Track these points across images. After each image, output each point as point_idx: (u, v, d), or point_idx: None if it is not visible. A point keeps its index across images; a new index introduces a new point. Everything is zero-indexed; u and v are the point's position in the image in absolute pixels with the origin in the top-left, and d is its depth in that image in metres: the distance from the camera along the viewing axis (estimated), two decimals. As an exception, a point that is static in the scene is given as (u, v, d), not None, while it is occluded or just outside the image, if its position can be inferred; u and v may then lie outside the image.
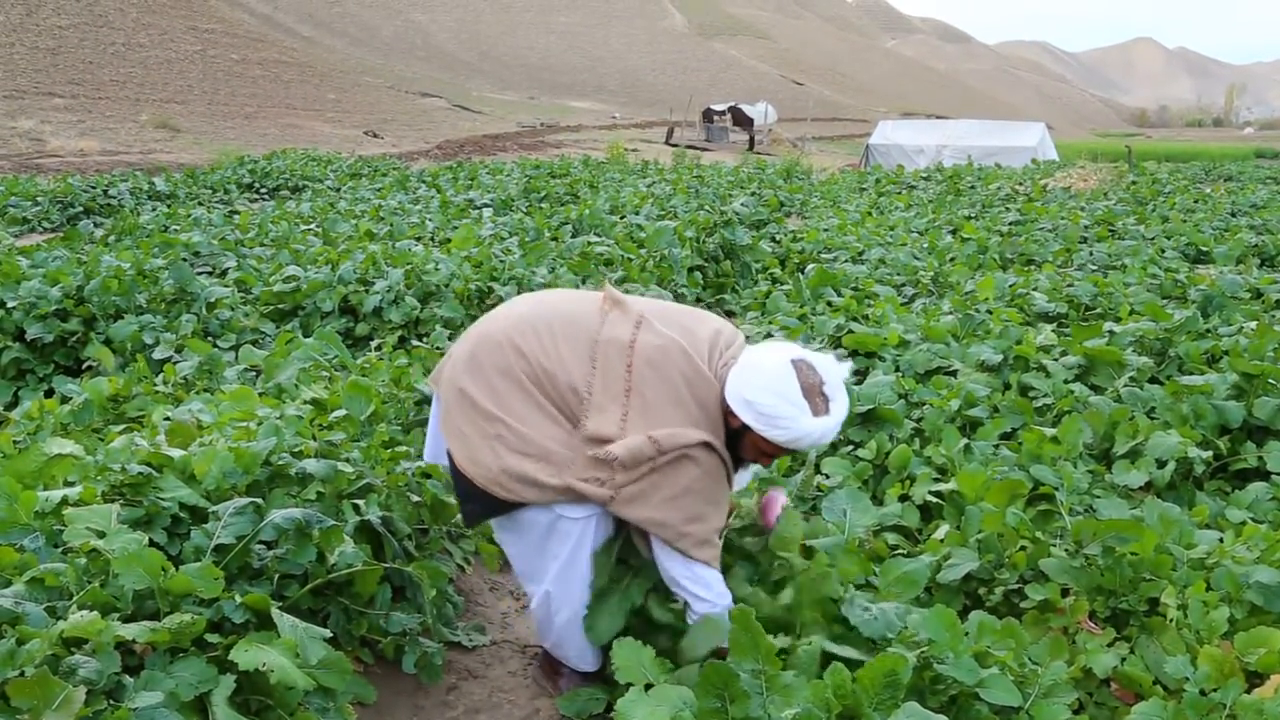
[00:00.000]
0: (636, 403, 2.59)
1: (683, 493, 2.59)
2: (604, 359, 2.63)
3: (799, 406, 2.51)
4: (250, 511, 2.71)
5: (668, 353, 2.64)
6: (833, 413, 2.55)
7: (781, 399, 2.51)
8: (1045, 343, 5.11)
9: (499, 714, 2.94)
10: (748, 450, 2.69)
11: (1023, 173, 20.57)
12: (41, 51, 37.21)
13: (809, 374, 2.55)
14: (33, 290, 6.00)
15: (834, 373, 2.59)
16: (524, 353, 2.64)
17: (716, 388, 2.64)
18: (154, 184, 15.22)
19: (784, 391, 2.52)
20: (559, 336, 2.67)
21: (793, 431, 2.52)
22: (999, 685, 2.41)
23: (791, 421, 2.51)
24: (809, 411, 2.52)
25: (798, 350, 2.61)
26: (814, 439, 2.56)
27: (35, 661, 1.97)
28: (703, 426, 2.61)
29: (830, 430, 2.56)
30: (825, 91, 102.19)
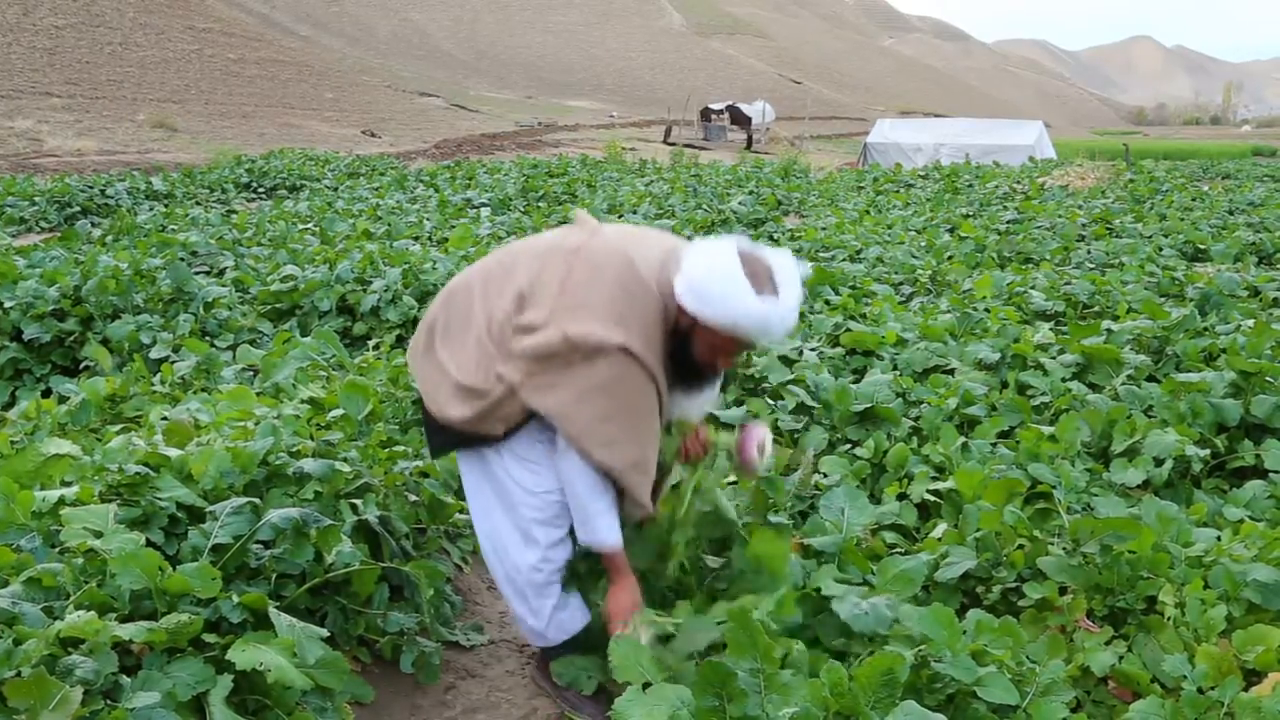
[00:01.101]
0: (566, 301, 2.55)
1: (594, 390, 2.53)
2: (550, 261, 2.63)
3: (741, 286, 2.41)
4: (247, 511, 2.71)
5: (610, 257, 2.60)
6: (782, 297, 2.45)
7: (723, 278, 2.43)
8: (1043, 341, 5.11)
9: (497, 713, 2.94)
10: (700, 349, 2.59)
11: (1020, 171, 20.57)
12: (38, 51, 37.17)
13: (756, 262, 2.47)
14: (30, 290, 6.00)
15: (786, 265, 2.50)
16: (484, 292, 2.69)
17: (657, 297, 2.57)
18: (151, 184, 15.22)
19: (727, 272, 2.43)
20: (519, 255, 2.73)
21: (735, 311, 2.42)
22: (997, 684, 2.41)
23: (734, 300, 2.41)
24: (753, 291, 2.41)
25: (749, 243, 2.54)
26: (759, 322, 2.45)
27: (32, 661, 1.97)
28: (631, 332, 2.52)
29: (779, 316, 2.45)
30: (823, 90, 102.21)
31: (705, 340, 2.56)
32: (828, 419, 4.36)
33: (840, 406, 4.33)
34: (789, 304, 2.46)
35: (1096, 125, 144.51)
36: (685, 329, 2.57)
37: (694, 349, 2.60)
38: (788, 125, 50.95)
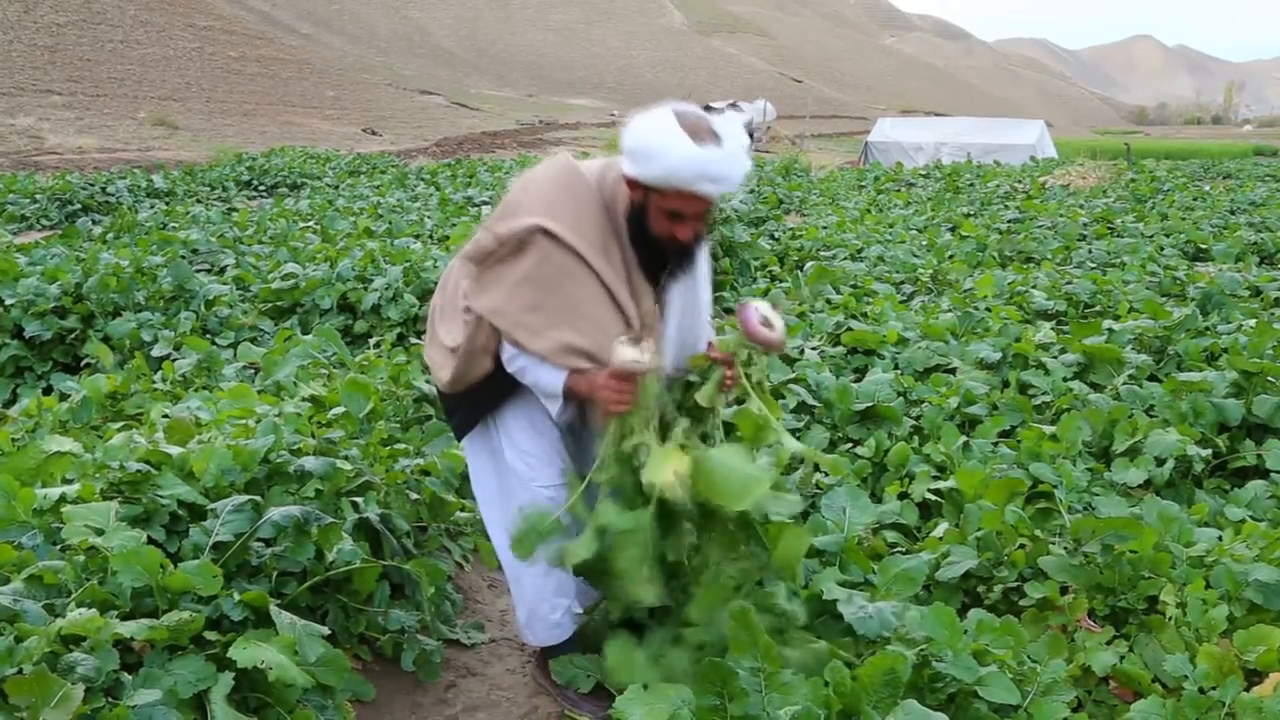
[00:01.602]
0: (501, 209, 2.61)
1: (522, 279, 2.53)
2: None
3: (675, 135, 2.36)
4: (249, 509, 2.71)
5: (548, 165, 2.64)
6: (724, 145, 2.41)
7: (657, 131, 2.39)
8: (1044, 340, 5.11)
9: (497, 712, 2.94)
10: (655, 220, 2.52)
11: (1021, 170, 20.57)
12: (39, 49, 37.16)
13: (696, 118, 2.44)
14: (31, 288, 6.00)
15: (730, 121, 2.49)
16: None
17: (594, 188, 2.59)
18: (152, 181, 15.22)
19: (660, 126, 2.39)
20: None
21: (671, 160, 2.36)
22: (998, 683, 2.41)
23: (669, 149, 2.36)
24: (689, 139, 2.36)
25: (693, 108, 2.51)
26: (698, 167, 2.38)
27: (34, 659, 1.97)
28: (557, 217, 2.52)
29: (718, 160, 2.39)
30: (824, 89, 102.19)
31: (656, 207, 2.50)
32: (829, 418, 4.36)
33: (841, 405, 4.32)
34: (730, 150, 2.42)
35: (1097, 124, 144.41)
36: (639, 205, 2.54)
37: (651, 224, 2.54)
38: (789, 124, 50.93)
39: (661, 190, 2.45)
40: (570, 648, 2.93)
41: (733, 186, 2.47)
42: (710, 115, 2.47)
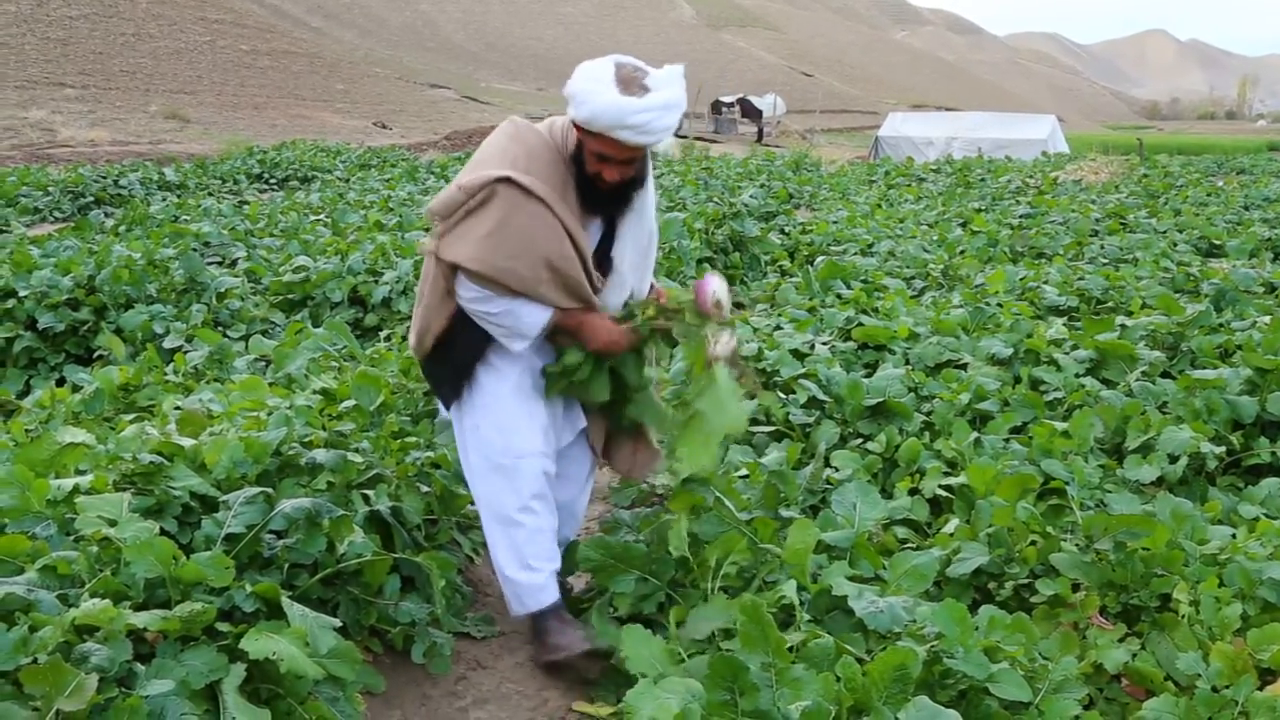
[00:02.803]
0: (465, 168, 2.84)
1: (496, 228, 2.70)
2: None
3: (604, 83, 2.60)
4: (260, 501, 2.72)
5: (503, 125, 2.90)
6: (648, 97, 2.59)
7: (589, 78, 2.63)
8: (1056, 336, 5.09)
9: (507, 704, 2.94)
10: (588, 160, 2.75)
11: (1033, 165, 20.51)
12: (52, 42, 37.23)
13: (634, 70, 2.66)
14: (44, 279, 6.03)
15: (668, 75, 2.67)
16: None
17: (548, 140, 2.82)
18: (164, 174, 15.27)
19: (594, 73, 2.64)
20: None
21: (595, 105, 2.59)
22: (1009, 680, 2.40)
23: (595, 95, 2.59)
24: (615, 88, 2.59)
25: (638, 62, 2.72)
26: (616, 114, 2.58)
27: (48, 649, 1.98)
28: (517, 166, 2.72)
29: (635, 110, 2.57)
30: (834, 83, 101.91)
31: (588, 149, 2.73)
32: (839, 413, 4.35)
33: (852, 401, 4.31)
34: (651, 102, 2.60)
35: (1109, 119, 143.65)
36: (578, 146, 2.78)
37: (585, 164, 2.76)
38: (799, 118, 50.82)
39: (590, 132, 2.68)
40: (559, 609, 3.02)
41: (654, 138, 2.67)
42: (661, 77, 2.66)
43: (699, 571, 3.02)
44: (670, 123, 2.66)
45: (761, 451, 4.11)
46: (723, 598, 2.88)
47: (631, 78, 2.62)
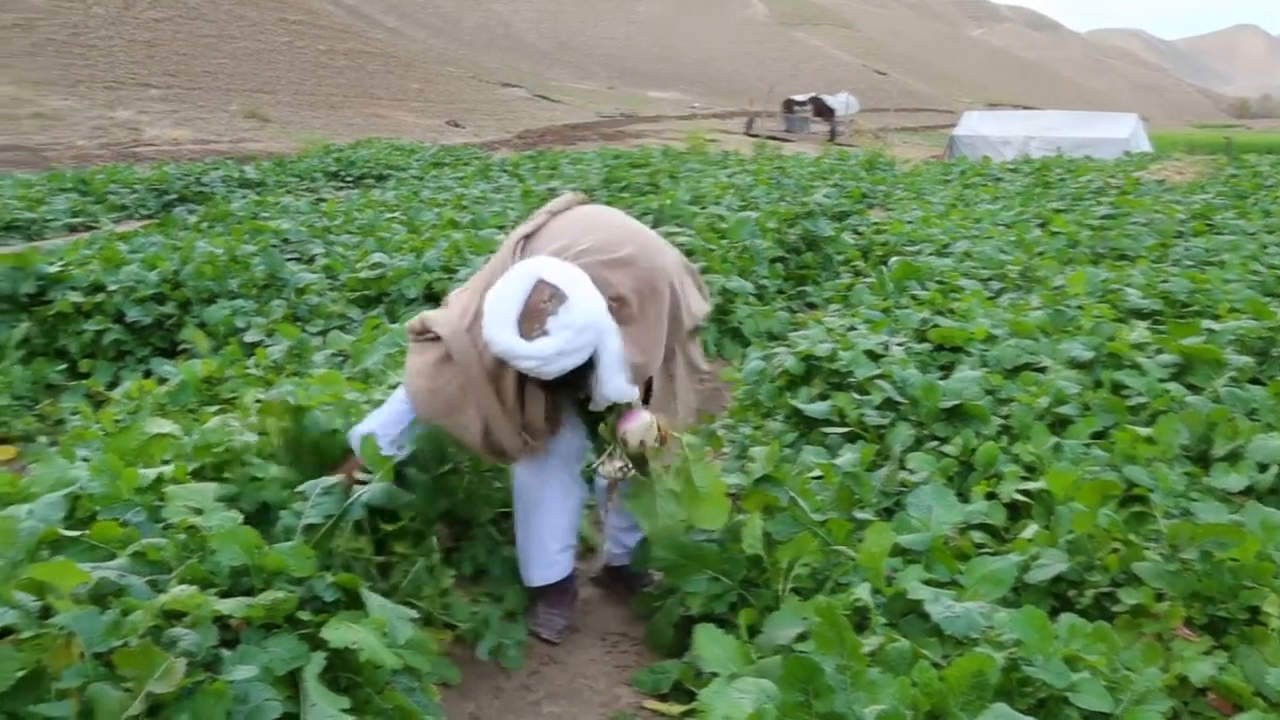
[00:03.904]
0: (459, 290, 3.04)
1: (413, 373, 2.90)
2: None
3: (507, 315, 2.54)
4: (337, 492, 2.77)
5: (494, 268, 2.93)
6: (539, 343, 2.52)
7: (498, 301, 2.57)
8: (1139, 340, 4.96)
9: (579, 700, 2.96)
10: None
11: (1115, 165, 20.04)
12: (138, 44, 38.25)
13: (545, 297, 2.54)
14: (132, 275, 6.19)
15: (574, 311, 2.54)
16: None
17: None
18: (244, 172, 15.58)
19: (505, 296, 2.56)
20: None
21: (489, 333, 2.57)
22: (1091, 690, 2.35)
23: (491, 325, 2.56)
24: (512, 326, 2.53)
25: (555, 268, 2.61)
26: (510, 355, 2.56)
27: (138, 632, 2.04)
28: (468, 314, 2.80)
29: (526, 360, 2.54)
30: (909, 81, 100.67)
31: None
32: (914, 415, 4.29)
33: (928, 403, 4.26)
34: (540, 349, 2.53)
35: (1195, 118, 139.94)
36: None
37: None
38: (872, 117, 50.33)
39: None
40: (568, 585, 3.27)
41: (545, 378, 2.63)
42: (569, 318, 2.53)
43: (771, 572, 3.01)
44: (562, 367, 2.58)
45: (835, 452, 4.07)
46: (795, 599, 2.87)
47: (537, 311, 2.53)
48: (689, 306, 3.05)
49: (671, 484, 2.95)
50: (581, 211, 3.06)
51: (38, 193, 12.31)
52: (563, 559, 3.20)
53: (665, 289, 2.89)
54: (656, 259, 2.91)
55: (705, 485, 2.96)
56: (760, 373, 5.01)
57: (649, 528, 2.98)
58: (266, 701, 2.08)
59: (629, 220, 3.12)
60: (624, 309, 2.77)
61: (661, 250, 3.00)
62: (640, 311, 2.82)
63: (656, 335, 2.89)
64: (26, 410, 5.25)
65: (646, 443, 2.86)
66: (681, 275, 3.06)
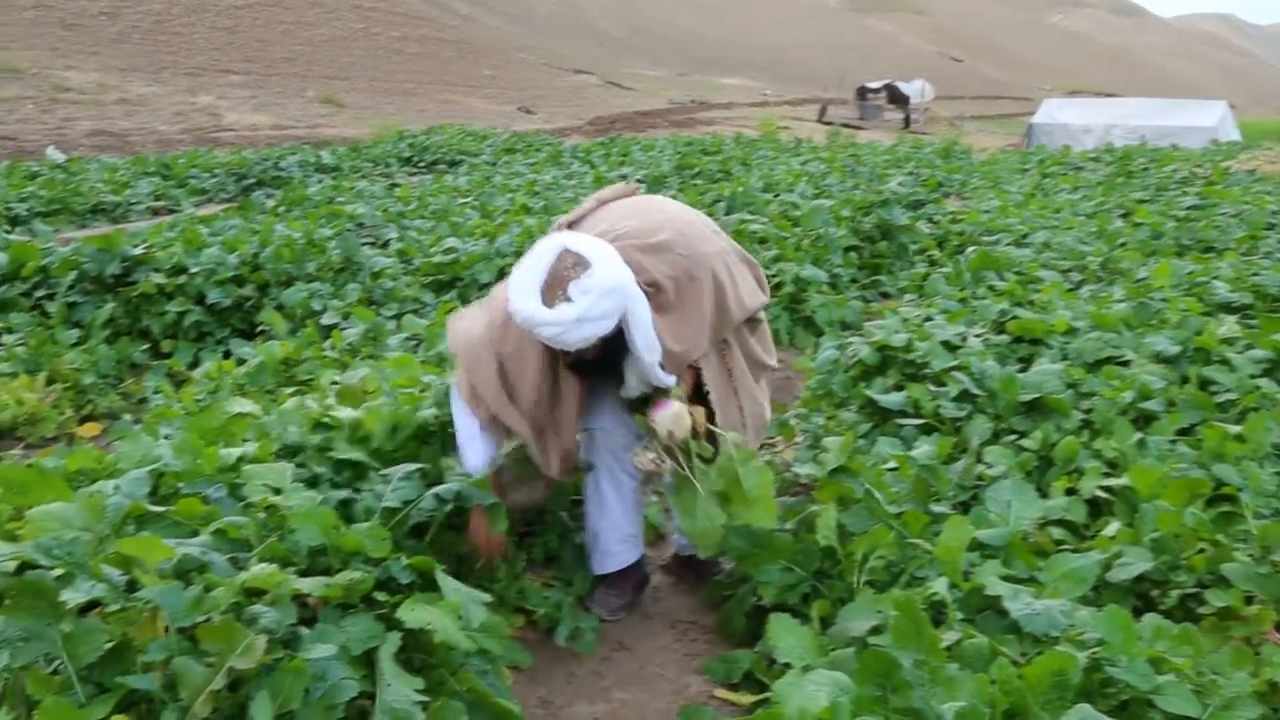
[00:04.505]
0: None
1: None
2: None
3: (531, 283, 2.54)
4: (416, 478, 2.79)
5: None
6: (560, 309, 2.50)
7: (520, 273, 2.58)
8: (1228, 334, 4.81)
9: (649, 687, 2.95)
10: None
11: (1202, 154, 19.47)
12: (219, 31, 39.04)
13: (568, 265, 2.53)
14: (212, 257, 6.31)
15: (600, 277, 2.52)
16: None
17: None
18: (320, 157, 15.81)
19: (526, 268, 2.57)
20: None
21: (514, 303, 2.56)
22: (1176, 693, 2.29)
23: (516, 294, 2.56)
24: (536, 295, 2.53)
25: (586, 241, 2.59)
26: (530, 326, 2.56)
27: (220, 609, 2.07)
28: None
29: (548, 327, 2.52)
30: (986, 68, 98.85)
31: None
32: (992, 408, 4.21)
33: (1006, 395, 4.17)
34: (560, 315, 2.50)
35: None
36: None
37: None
38: (947, 105, 49.48)
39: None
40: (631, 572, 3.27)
41: (567, 348, 2.61)
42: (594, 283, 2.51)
43: (845, 564, 2.98)
44: (585, 335, 2.55)
45: (910, 445, 4.01)
46: (869, 592, 2.83)
47: (560, 279, 2.52)
48: (738, 297, 2.95)
49: (715, 484, 2.93)
50: (630, 200, 3.04)
51: (123, 176, 12.63)
52: (621, 549, 3.19)
53: (705, 277, 2.82)
54: (697, 245, 2.84)
55: (754, 489, 2.93)
56: (834, 362, 4.96)
57: (686, 526, 2.98)
58: (343, 680, 2.11)
59: (677, 207, 3.06)
60: (660, 295, 2.73)
61: (704, 238, 2.91)
62: (677, 298, 2.77)
63: (696, 324, 2.83)
64: (111, 389, 5.38)
65: (676, 434, 2.84)
66: (730, 264, 2.96)
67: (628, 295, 2.59)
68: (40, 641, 1.96)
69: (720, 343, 2.99)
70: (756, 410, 3.16)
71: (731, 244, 3.07)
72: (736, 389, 3.07)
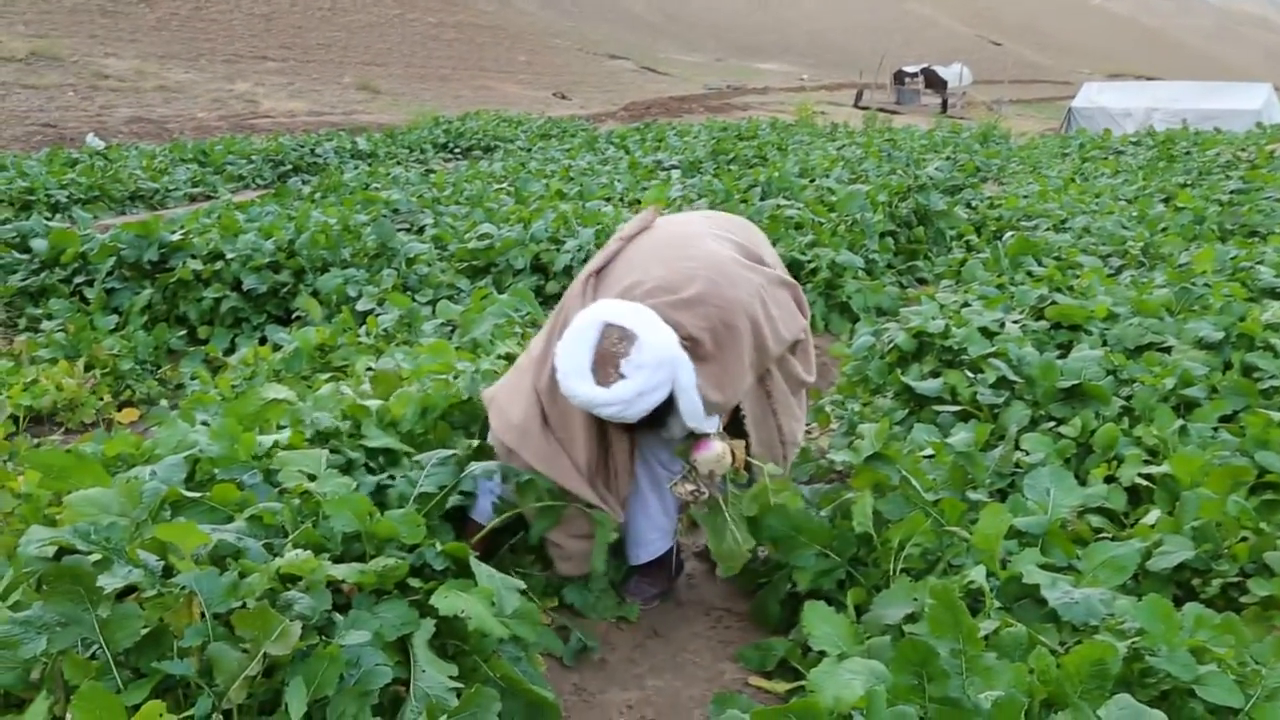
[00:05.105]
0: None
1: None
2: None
3: (580, 368, 2.52)
4: (452, 463, 2.79)
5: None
6: (617, 388, 2.49)
7: (567, 357, 2.54)
8: (1273, 320, 4.71)
9: (683, 674, 2.94)
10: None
11: (1246, 138, 19.12)
12: (256, 18, 39.28)
13: (613, 341, 2.50)
14: (249, 243, 6.35)
15: (648, 350, 2.50)
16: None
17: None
18: (356, 143, 15.90)
19: (574, 351, 2.54)
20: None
21: (567, 388, 2.55)
22: (1219, 683, 2.24)
23: (568, 380, 2.53)
24: (588, 378, 2.51)
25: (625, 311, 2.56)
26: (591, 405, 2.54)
27: (255, 594, 2.08)
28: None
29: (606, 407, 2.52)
30: (1025, 52, 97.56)
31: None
32: (1030, 395, 4.16)
33: (1045, 382, 4.12)
34: (619, 394, 2.49)
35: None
36: None
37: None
38: (986, 89, 48.91)
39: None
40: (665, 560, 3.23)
41: (629, 421, 2.58)
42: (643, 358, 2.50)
43: (881, 551, 2.95)
44: (643, 408, 2.54)
45: (946, 431, 3.97)
46: (905, 580, 2.80)
47: (609, 356, 2.50)
48: (776, 332, 2.89)
49: (748, 510, 2.96)
50: (654, 238, 2.94)
51: (160, 163, 12.75)
52: (655, 537, 3.18)
53: (742, 323, 2.75)
54: (728, 292, 2.75)
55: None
56: (870, 348, 4.92)
57: (714, 547, 3.00)
58: (378, 667, 2.12)
59: (705, 244, 2.93)
60: (698, 348, 2.68)
61: (734, 280, 2.80)
62: (716, 349, 2.71)
63: (736, 371, 2.79)
64: (149, 374, 5.44)
65: (717, 473, 2.88)
66: (765, 299, 2.88)
67: (677, 363, 2.57)
68: (78, 626, 1.98)
69: (761, 375, 2.99)
70: (793, 428, 3.17)
71: (764, 274, 2.96)
72: (776, 410, 3.08)
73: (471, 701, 2.17)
